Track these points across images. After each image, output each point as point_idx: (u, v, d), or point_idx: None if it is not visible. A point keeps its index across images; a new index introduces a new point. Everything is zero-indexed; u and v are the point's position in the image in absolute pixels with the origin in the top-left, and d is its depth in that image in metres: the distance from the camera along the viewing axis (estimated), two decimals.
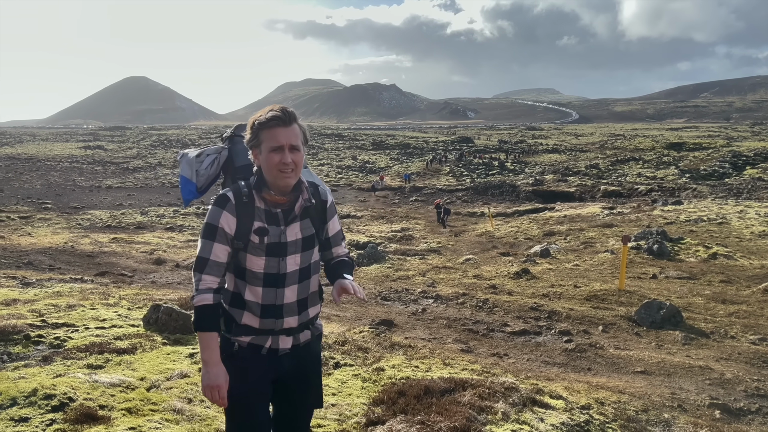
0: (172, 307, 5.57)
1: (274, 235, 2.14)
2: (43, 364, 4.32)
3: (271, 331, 2.18)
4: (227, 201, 2.12)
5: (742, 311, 8.69)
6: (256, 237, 2.12)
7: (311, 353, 2.33)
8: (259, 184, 2.16)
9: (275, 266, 2.15)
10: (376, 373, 4.79)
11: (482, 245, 19.17)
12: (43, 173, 50.39)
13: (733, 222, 19.14)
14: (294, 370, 2.27)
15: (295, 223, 2.19)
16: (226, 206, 2.11)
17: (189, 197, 2.59)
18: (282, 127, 2.09)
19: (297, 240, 2.19)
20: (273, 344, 2.19)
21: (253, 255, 2.13)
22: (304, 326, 2.26)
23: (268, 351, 2.19)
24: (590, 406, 4.33)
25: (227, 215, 2.10)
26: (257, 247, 2.13)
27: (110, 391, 3.73)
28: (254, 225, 2.12)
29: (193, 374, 4.29)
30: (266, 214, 2.15)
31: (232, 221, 2.11)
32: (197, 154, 2.62)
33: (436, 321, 8.09)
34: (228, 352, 2.17)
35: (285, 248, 2.16)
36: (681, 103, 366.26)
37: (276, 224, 2.16)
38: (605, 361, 6.43)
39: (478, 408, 3.96)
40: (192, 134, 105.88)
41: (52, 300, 6.86)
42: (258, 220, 2.14)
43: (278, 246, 2.15)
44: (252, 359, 2.17)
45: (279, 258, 2.15)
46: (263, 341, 2.18)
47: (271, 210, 2.16)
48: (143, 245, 18.13)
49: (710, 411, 4.83)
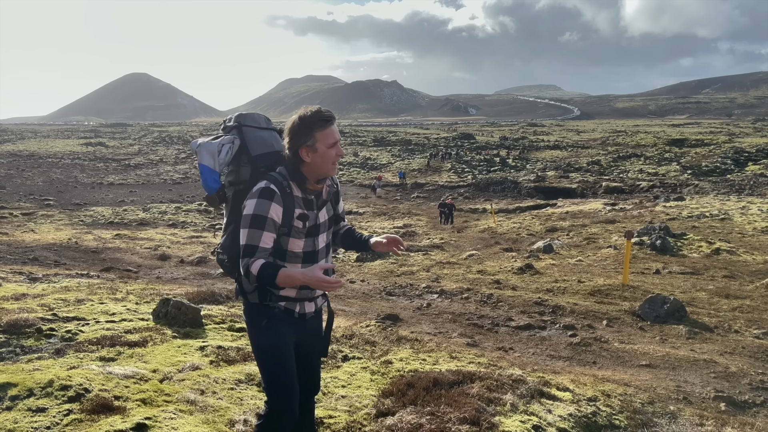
0: (181, 301, 5.62)
1: (312, 218, 2.50)
2: (56, 356, 4.37)
3: (303, 298, 2.55)
4: (274, 193, 2.37)
5: (745, 306, 8.73)
6: (300, 222, 2.45)
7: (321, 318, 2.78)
8: (295, 175, 2.44)
9: (312, 245, 2.52)
10: (385, 365, 4.83)
11: (485, 241, 19.21)
12: (44, 170, 50.44)
13: (736, 218, 19.16)
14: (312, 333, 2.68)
15: (324, 206, 2.57)
16: (274, 198, 2.37)
17: (215, 186, 2.55)
18: (332, 126, 2.42)
19: (325, 221, 2.58)
20: (301, 310, 2.58)
21: (295, 238, 2.46)
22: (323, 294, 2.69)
23: (298, 315, 2.58)
24: (597, 398, 4.38)
25: (276, 206, 2.37)
26: (300, 231, 2.46)
27: (124, 382, 3.78)
28: (296, 212, 2.43)
29: (204, 366, 4.34)
30: (304, 201, 2.47)
31: (279, 211, 2.39)
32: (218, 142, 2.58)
33: (441, 316, 8.14)
34: (260, 315, 2.51)
35: (319, 229, 2.54)
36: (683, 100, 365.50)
37: (312, 209, 2.50)
38: (610, 354, 6.48)
39: (486, 399, 4.00)
40: (193, 131, 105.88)
41: (61, 294, 6.91)
42: (298, 207, 2.45)
43: (315, 228, 2.52)
44: (285, 320, 2.54)
45: (314, 237, 2.52)
46: (294, 306, 2.56)
47: (307, 197, 2.49)
48: (147, 241, 18.18)
49: (715, 403, 4.88)
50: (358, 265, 14.03)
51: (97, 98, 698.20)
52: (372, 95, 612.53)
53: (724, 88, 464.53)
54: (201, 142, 2.56)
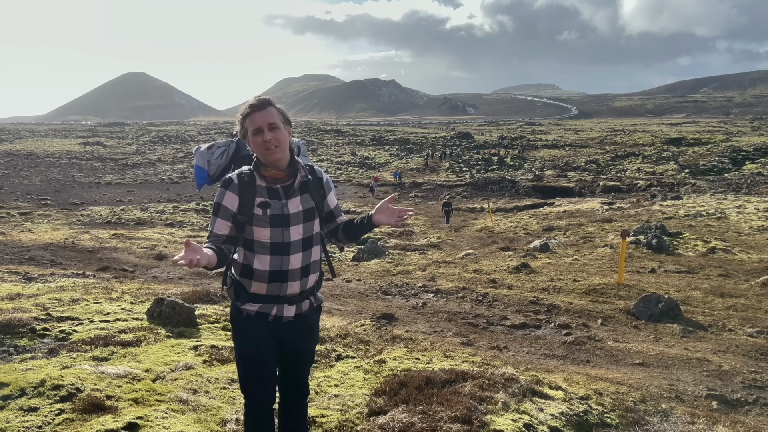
0: (175, 301, 5.63)
1: (276, 207, 2.44)
2: (49, 356, 4.37)
3: (277, 298, 2.49)
4: (231, 182, 2.44)
5: (740, 304, 8.76)
6: (260, 210, 2.42)
7: (310, 321, 2.65)
8: (257, 165, 2.46)
9: (280, 236, 2.44)
10: (378, 365, 4.85)
11: (482, 240, 19.24)
12: (42, 169, 50.38)
13: (732, 217, 19.21)
14: (295, 335, 2.58)
15: (295, 197, 2.49)
16: (230, 186, 2.43)
17: (201, 182, 2.95)
18: (258, 112, 2.40)
19: (299, 212, 2.48)
20: (278, 312, 2.51)
21: (258, 227, 2.43)
22: (306, 295, 2.57)
23: (274, 318, 2.51)
24: (589, 397, 4.39)
25: (230, 194, 2.42)
26: (261, 219, 2.43)
27: (117, 382, 3.79)
28: (257, 200, 2.43)
29: (197, 366, 4.35)
30: (268, 190, 2.45)
31: (234, 199, 2.41)
32: (209, 146, 2.96)
33: (436, 315, 8.16)
34: (238, 317, 2.52)
35: (288, 219, 2.46)
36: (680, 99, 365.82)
37: (277, 198, 2.46)
38: (604, 353, 6.50)
39: (478, 398, 4.02)
40: (191, 130, 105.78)
41: (56, 294, 6.91)
42: (260, 195, 2.44)
43: (281, 217, 2.45)
44: (259, 325, 2.50)
45: (283, 228, 2.45)
46: (269, 309, 2.50)
47: (272, 186, 2.46)
48: (144, 241, 18.17)
49: (707, 402, 4.90)
50: (354, 265, 14.05)
51: (94, 97, 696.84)
52: (370, 94, 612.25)
53: (722, 87, 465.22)
54: (198, 147, 2.94)
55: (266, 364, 2.55)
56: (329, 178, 2.69)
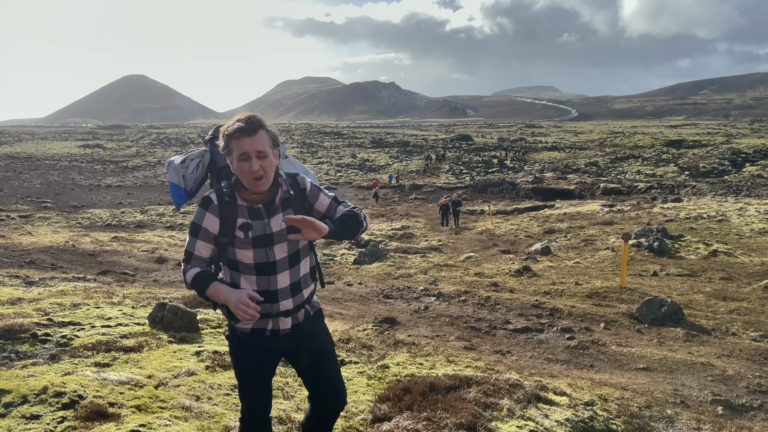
0: (177, 306, 5.60)
1: (259, 228, 2.33)
2: (51, 362, 4.34)
3: (269, 315, 2.39)
4: (210, 203, 2.31)
5: (743, 308, 8.73)
6: (241, 232, 2.31)
7: (310, 327, 2.54)
8: (238, 184, 2.33)
9: (264, 256, 2.34)
10: (381, 370, 4.82)
11: (483, 243, 19.21)
12: (42, 172, 50.36)
13: (733, 219, 19.18)
14: (299, 345, 2.50)
15: (277, 214, 2.36)
16: (209, 208, 2.31)
17: (180, 201, 2.76)
18: (247, 137, 2.21)
19: (282, 230, 2.35)
20: (274, 326, 2.44)
21: (240, 249, 2.33)
22: (300, 306, 2.48)
23: (271, 332, 2.44)
24: (594, 403, 4.37)
25: (210, 216, 2.31)
26: (243, 241, 2.31)
27: (119, 388, 3.76)
28: (238, 222, 2.31)
29: (200, 372, 4.32)
30: (249, 210, 2.33)
31: (215, 221, 2.31)
32: (182, 160, 2.75)
33: (438, 319, 8.13)
34: (233, 336, 2.46)
35: (271, 239, 2.34)
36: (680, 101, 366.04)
37: (259, 218, 2.33)
38: (607, 357, 6.47)
39: (483, 404, 3.99)
40: (191, 132, 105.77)
41: (57, 299, 6.89)
42: (241, 216, 2.32)
43: (264, 238, 2.33)
44: (255, 342, 2.42)
45: (266, 248, 2.34)
46: (264, 324, 2.42)
47: (253, 206, 2.33)
48: (144, 244, 18.14)
49: (713, 407, 4.87)
50: (355, 268, 14.02)
51: (94, 100, 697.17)
52: (370, 97, 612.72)
53: (722, 89, 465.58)
54: (169, 161, 2.73)
55: (263, 381, 2.51)
56: (313, 182, 2.55)
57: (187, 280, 2.33)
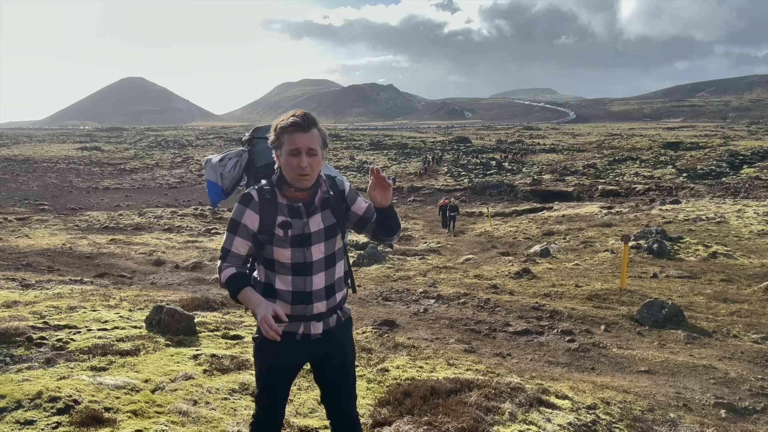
0: (174, 309, 5.54)
1: (298, 227, 2.32)
2: (46, 366, 4.28)
3: (302, 317, 2.37)
4: (251, 199, 2.30)
5: (743, 310, 8.70)
6: (281, 230, 2.30)
7: (340, 336, 2.50)
8: (281, 181, 2.32)
9: (301, 256, 2.33)
10: (381, 373, 4.77)
11: (482, 245, 19.17)
12: (39, 174, 50.20)
13: (732, 221, 19.18)
14: (326, 352, 2.47)
15: (316, 214, 2.35)
16: (250, 204, 2.29)
17: (216, 199, 2.78)
18: (300, 133, 2.23)
19: (320, 230, 2.36)
20: (305, 330, 2.40)
21: (279, 247, 2.32)
22: (332, 311, 2.45)
23: (302, 336, 2.40)
24: (596, 406, 4.32)
25: (250, 213, 2.29)
26: (282, 239, 2.31)
27: (115, 393, 3.70)
28: (278, 219, 2.30)
29: (197, 376, 4.27)
30: (289, 208, 2.32)
31: (255, 218, 2.29)
32: (220, 158, 2.77)
33: (438, 321, 8.08)
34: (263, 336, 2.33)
35: (309, 239, 2.33)
36: (678, 103, 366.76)
37: (299, 217, 2.33)
38: (609, 360, 6.43)
39: (485, 408, 3.94)
40: (189, 135, 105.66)
41: (53, 302, 6.82)
42: (281, 214, 2.31)
43: (302, 237, 2.32)
44: (283, 346, 2.34)
45: (304, 248, 2.33)
46: (296, 328, 2.38)
47: (293, 204, 2.33)
48: (142, 246, 18.06)
49: (716, 410, 4.83)
50: (354, 270, 13.96)
51: (92, 102, 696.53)
52: (368, 99, 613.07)
53: (719, 91, 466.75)
54: (207, 159, 2.74)
55: (284, 384, 2.48)
56: (351, 187, 2.53)
57: (222, 279, 2.31)
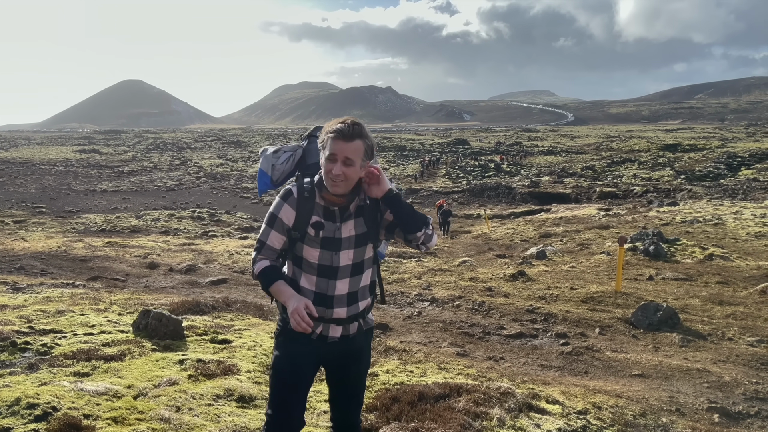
0: (162, 313, 5.47)
1: (330, 230, 2.35)
2: (28, 371, 4.22)
3: (321, 319, 2.37)
4: (290, 195, 2.37)
5: (739, 313, 8.64)
6: (313, 230, 2.34)
7: (359, 344, 2.50)
8: (321, 183, 2.36)
9: (328, 259, 2.36)
10: (370, 378, 4.70)
11: (478, 247, 19.12)
12: (37, 177, 50.10)
13: (729, 223, 19.14)
14: (340, 358, 2.48)
15: (349, 220, 2.38)
16: (288, 199, 2.36)
17: (263, 188, 2.80)
18: (342, 141, 2.25)
19: (351, 237, 2.38)
20: (323, 331, 2.41)
21: (309, 246, 2.35)
22: (354, 318, 2.44)
23: (318, 336, 2.41)
24: (587, 411, 4.26)
25: (287, 208, 2.35)
26: (313, 239, 2.34)
27: (96, 399, 3.64)
28: (312, 219, 2.34)
29: (182, 381, 4.20)
30: (324, 210, 2.36)
31: (291, 214, 2.35)
32: (275, 150, 2.78)
33: (431, 324, 8.02)
34: (282, 330, 2.44)
35: (339, 243, 2.36)
36: (676, 105, 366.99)
37: (332, 220, 2.36)
38: (602, 364, 6.37)
39: (473, 414, 3.88)
40: (188, 137, 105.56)
41: (42, 305, 6.75)
42: (316, 215, 2.35)
43: (332, 241, 2.35)
44: (301, 341, 2.38)
45: (332, 252, 2.36)
46: (315, 327, 2.37)
47: (329, 207, 2.36)
48: (137, 249, 17.98)
49: (709, 415, 4.77)
50: None
51: (91, 105, 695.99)
52: (367, 101, 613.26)
53: (717, 93, 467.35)
54: (264, 149, 2.77)
55: (297, 382, 2.42)
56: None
57: (255, 270, 2.36)
